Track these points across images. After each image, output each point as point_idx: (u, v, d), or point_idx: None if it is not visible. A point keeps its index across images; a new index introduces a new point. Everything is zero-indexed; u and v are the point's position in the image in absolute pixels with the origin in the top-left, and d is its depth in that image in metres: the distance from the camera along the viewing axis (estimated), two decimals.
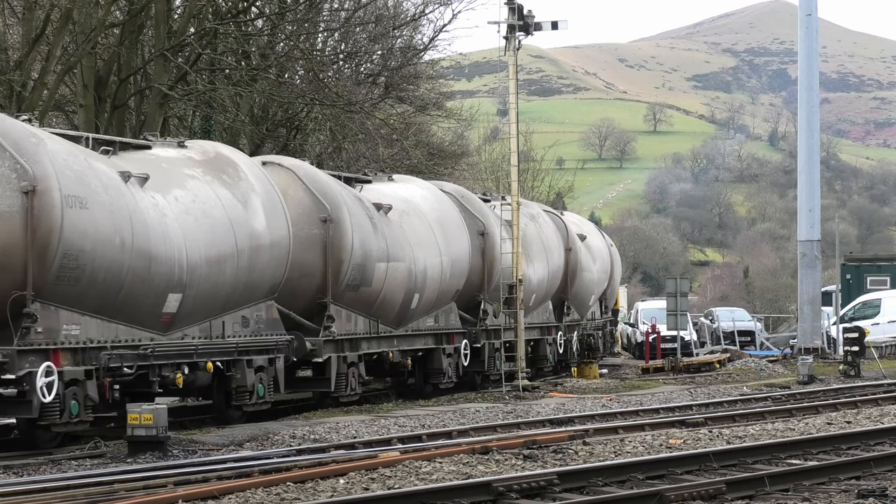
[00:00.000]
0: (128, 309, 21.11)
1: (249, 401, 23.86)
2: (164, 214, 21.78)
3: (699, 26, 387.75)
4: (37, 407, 19.40)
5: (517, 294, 33.01)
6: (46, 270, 19.54)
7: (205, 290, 22.54)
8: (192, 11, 35.81)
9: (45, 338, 19.67)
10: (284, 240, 24.49)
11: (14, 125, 20.06)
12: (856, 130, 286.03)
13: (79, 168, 20.38)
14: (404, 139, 45.25)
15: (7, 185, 19.46)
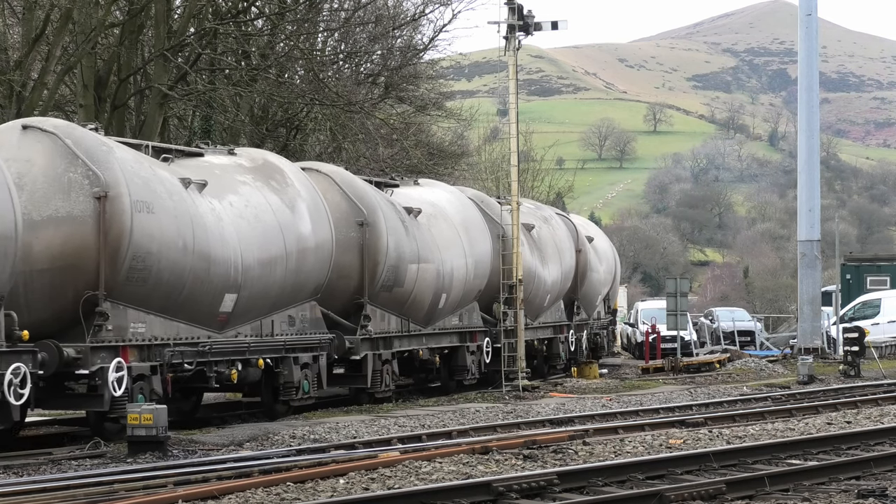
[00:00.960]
0: (188, 308, 22.24)
1: (296, 396, 25.05)
2: (220, 219, 23.00)
3: (699, 26, 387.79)
4: (108, 400, 20.42)
5: (517, 294, 33.05)
6: (117, 271, 20.66)
7: (257, 290, 23.80)
8: (192, 11, 35.81)
9: (115, 335, 20.74)
10: (328, 243, 25.80)
11: (86, 134, 21.12)
12: (856, 130, 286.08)
13: (145, 175, 21.56)
14: (404, 139, 45.24)
15: (80, 191, 20.56)
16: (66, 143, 20.87)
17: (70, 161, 20.76)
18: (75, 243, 20.40)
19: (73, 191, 20.60)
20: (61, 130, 21.10)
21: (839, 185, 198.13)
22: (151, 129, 34.04)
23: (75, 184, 20.62)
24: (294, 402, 25.20)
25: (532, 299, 36.38)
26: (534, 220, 37.63)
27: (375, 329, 27.90)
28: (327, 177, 27.82)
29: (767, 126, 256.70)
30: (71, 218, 20.51)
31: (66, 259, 20.38)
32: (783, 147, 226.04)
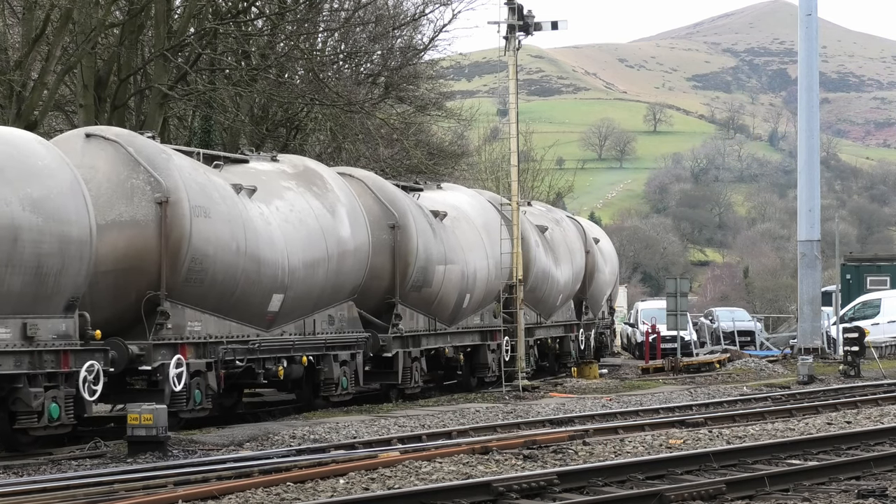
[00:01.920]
0: (240, 308, 23.57)
1: (335, 392, 26.41)
2: (268, 223, 24.34)
3: (699, 26, 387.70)
4: (168, 395, 21.60)
5: (517, 294, 33.06)
6: (177, 273, 21.90)
7: (301, 291, 25.11)
8: (192, 11, 35.80)
9: (174, 333, 22.00)
10: (365, 245, 27.26)
11: (146, 142, 22.44)
12: (856, 130, 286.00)
13: (201, 181, 22.86)
14: (404, 139, 45.23)
15: (143, 197, 21.84)
16: (129, 150, 22.01)
17: (132, 168, 21.93)
18: (138, 246, 21.66)
19: (136, 196, 21.82)
20: (123, 138, 22.28)
21: (839, 185, 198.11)
22: (151, 129, 34.00)
23: (138, 190, 21.85)
24: (333, 398, 26.47)
25: (546, 299, 37.83)
26: (546, 223, 38.94)
27: (405, 328, 29.11)
28: (360, 181, 28.93)
29: (767, 126, 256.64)
30: (134, 222, 21.73)
31: (130, 261, 21.58)
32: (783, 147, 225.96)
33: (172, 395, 21.69)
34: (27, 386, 19.10)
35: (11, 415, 19.23)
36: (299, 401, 26.96)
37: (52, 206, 19.47)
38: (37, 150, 20.01)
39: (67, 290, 19.73)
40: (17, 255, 18.83)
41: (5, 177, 18.97)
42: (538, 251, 36.75)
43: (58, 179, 19.78)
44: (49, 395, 19.38)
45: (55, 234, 19.43)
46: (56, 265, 19.42)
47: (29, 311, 19.20)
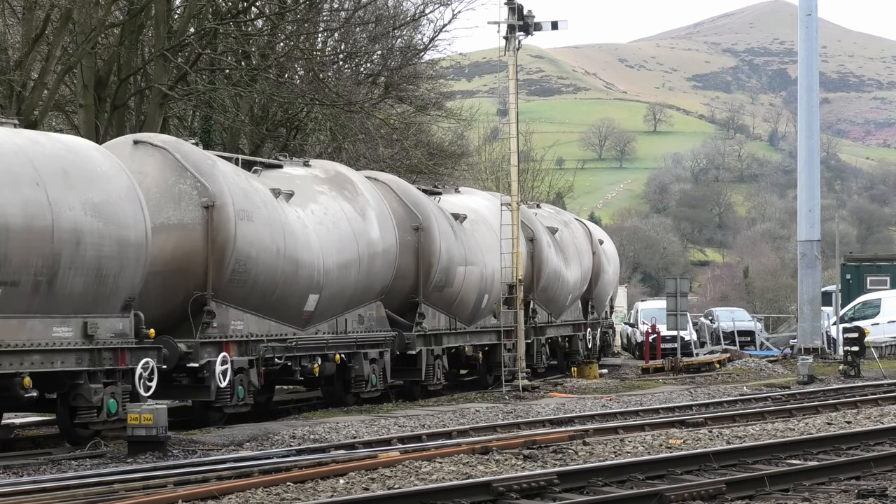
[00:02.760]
0: (279, 307, 24.59)
1: (365, 388, 27.42)
2: (305, 226, 25.39)
3: (699, 26, 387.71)
4: (214, 391, 22.76)
5: (517, 294, 33.10)
6: (222, 274, 22.92)
7: (335, 291, 26.18)
8: (192, 11, 35.79)
9: (219, 332, 23.00)
10: (393, 247, 28.33)
11: (192, 149, 23.39)
12: (856, 130, 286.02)
13: (244, 186, 23.93)
14: (404, 139, 45.22)
15: (190, 201, 22.76)
16: (176, 156, 22.93)
17: (180, 174, 22.84)
18: (185, 248, 22.58)
19: (183, 201, 22.73)
20: (170, 145, 23.25)
21: (839, 185, 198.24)
22: (151, 130, 33.95)
23: (185, 194, 22.76)
24: (364, 395, 27.51)
25: (556, 298, 38.74)
26: (556, 224, 39.85)
27: (428, 326, 30.09)
28: (385, 185, 29.83)
29: (767, 126, 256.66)
30: (181, 225, 22.66)
31: (178, 263, 22.47)
32: (783, 147, 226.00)
33: (218, 391, 22.80)
34: (87, 382, 20.01)
35: (72, 410, 20.12)
36: (326, 397, 28.07)
37: (112, 211, 20.35)
38: (96, 156, 20.90)
39: (124, 291, 20.68)
40: (80, 257, 19.68)
41: (69, 182, 19.80)
42: (550, 252, 37.63)
43: (116, 185, 20.65)
44: (107, 390, 20.31)
45: (114, 237, 20.32)
46: (115, 267, 20.34)
47: (89, 311, 20.09)
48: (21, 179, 19.06)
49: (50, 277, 19.28)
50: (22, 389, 19.05)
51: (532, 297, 36.18)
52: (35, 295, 19.13)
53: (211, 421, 23.18)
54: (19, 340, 19.01)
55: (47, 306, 19.39)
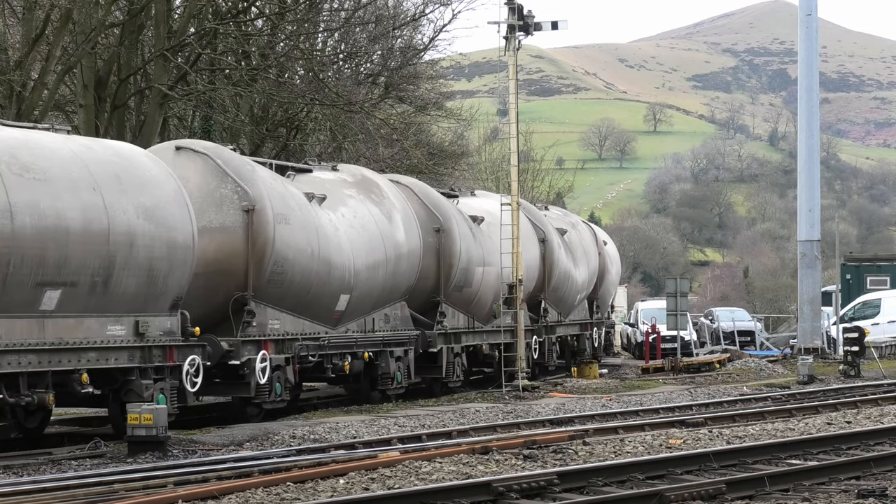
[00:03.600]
0: (313, 307, 25.56)
1: (391, 385, 28.32)
2: (336, 228, 26.38)
3: (699, 26, 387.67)
4: (253, 387, 23.79)
5: (517, 294, 33.13)
6: (262, 275, 23.85)
7: (364, 291, 27.17)
8: (192, 11, 35.79)
9: (258, 331, 23.98)
10: (417, 249, 29.25)
11: (232, 155, 24.50)
12: (856, 130, 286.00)
13: (281, 190, 24.87)
14: (404, 139, 45.22)
15: (231, 205, 23.73)
16: (217, 162, 23.90)
17: (221, 178, 23.80)
18: (227, 250, 23.51)
19: (225, 204, 23.69)
20: (211, 151, 24.24)
21: (839, 185, 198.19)
22: (151, 130, 34.04)
23: (226, 199, 23.73)
24: (390, 392, 28.40)
25: (566, 298, 39.61)
26: (564, 226, 40.80)
27: (448, 325, 30.99)
28: (407, 188, 30.63)
29: (767, 126, 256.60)
30: (223, 228, 23.60)
31: (219, 264, 23.35)
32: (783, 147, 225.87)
33: (257, 388, 23.80)
34: (139, 378, 20.97)
35: (123, 405, 20.66)
36: (350, 394, 29.23)
37: (161, 214, 21.23)
38: (145, 162, 21.85)
39: (173, 291, 21.57)
40: (133, 258, 20.61)
41: (122, 187, 20.67)
42: (560, 253, 38.49)
43: (165, 189, 21.55)
44: (157, 386, 21.22)
45: (164, 239, 21.19)
46: (164, 268, 21.21)
47: (140, 310, 21.03)
48: (79, 184, 19.87)
49: (105, 278, 20.16)
50: (79, 385, 19.88)
51: (543, 297, 37.17)
52: (92, 295, 20.00)
53: (248, 416, 24.15)
54: (77, 338, 19.90)
55: (102, 306, 20.26)
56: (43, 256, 19.16)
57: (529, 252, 35.61)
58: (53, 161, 19.82)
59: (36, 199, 19.16)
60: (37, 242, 19.07)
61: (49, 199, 19.34)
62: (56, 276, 19.38)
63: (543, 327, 37.20)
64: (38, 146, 19.91)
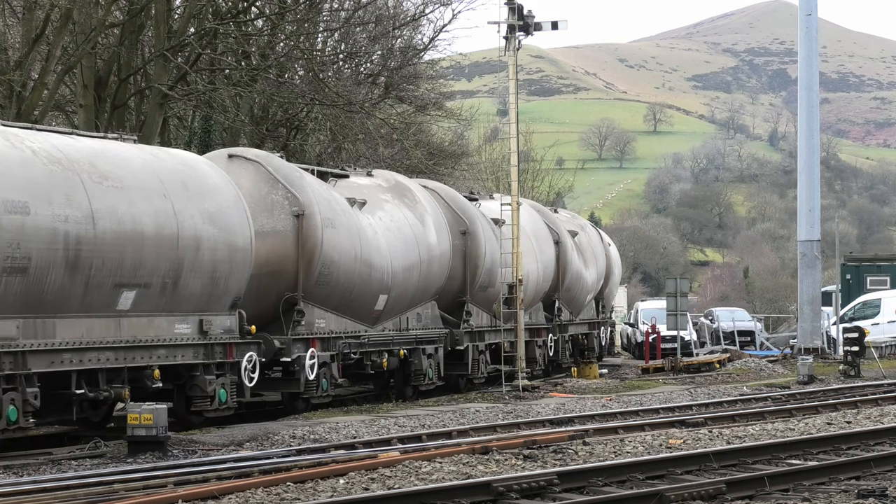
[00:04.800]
0: (354, 307, 27.05)
1: (423, 382, 29.71)
2: (376, 232, 27.77)
3: (699, 26, 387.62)
4: (303, 383, 25.21)
5: (517, 294, 33.16)
6: (310, 277, 25.26)
7: (400, 292, 28.54)
8: (192, 11, 35.80)
9: (306, 329, 25.37)
10: (448, 251, 30.62)
11: (283, 163, 25.90)
12: (856, 130, 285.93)
13: (327, 196, 26.31)
14: (404, 139, 45.24)
15: (282, 210, 25.10)
16: (268, 169, 25.27)
17: (272, 185, 25.16)
18: (278, 253, 24.83)
19: (276, 210, 25.06)
20: (262, 159, 25.66)
21: (839, 185, 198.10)
22: (151, 130, 34.03)
23: (277, 204, 25.08)
24: (422, 387, 29.84)
25: (577, 298, 41.20)
26: (575, 228, 42.23)
27: (473, 324, 32.25)
28: (434, 192, 31.75)
29: (767, 126, 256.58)
30: (275, 232, 24.94)
31: (271, 266, 24.63)
32: (783, 147, 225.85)
33: (306, 383, 25.22)
34: (203, 374, 22.36)
35: (187, 399, 22.40)
36: (376, 389, 30.50)
37: (223, 219, 22.62)
38: (207, 170, 23.24)
39: (233, 291, 23.03)
40: (199, 261, 21.94)
41: (189, 194, 22.02)
42: (573, 254, 39.91)
43: (225, 196, 22.97)
44: (219, 381, 22.65)
45: (226, 242, 22.61)
46: (226, 270, 22.63)
47: (204, 310, 22.42)
48: (151, 192, 21.20)
49: (175, 280, 21.50)
50: (150, 381, 21.24)
51: (557, 297, 38.73)
52: (162, 296, 21.37)
53: (297, 410, 25.50)
54: (149, 336, 21.30)
55: (171, 305, 21.64)
56: (121, 259, 20.38)
57: (545, 253, 37.18)
58: (128, 170, 21.05)
59: (114, 205, 20.33)
60: (116, 246, 20.26)
61: (125, 205, 20.54)
62: (132, 278, 20.66)
63: (557, 326, 38.74)
64: (112, 155, 21.09)
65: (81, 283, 19.74)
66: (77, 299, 19.77)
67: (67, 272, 19.47)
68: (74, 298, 19.72)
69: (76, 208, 19.64)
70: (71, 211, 19.55)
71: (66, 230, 19.43)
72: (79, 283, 19.72)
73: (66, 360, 19.74)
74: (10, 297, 18.73)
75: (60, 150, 20.10)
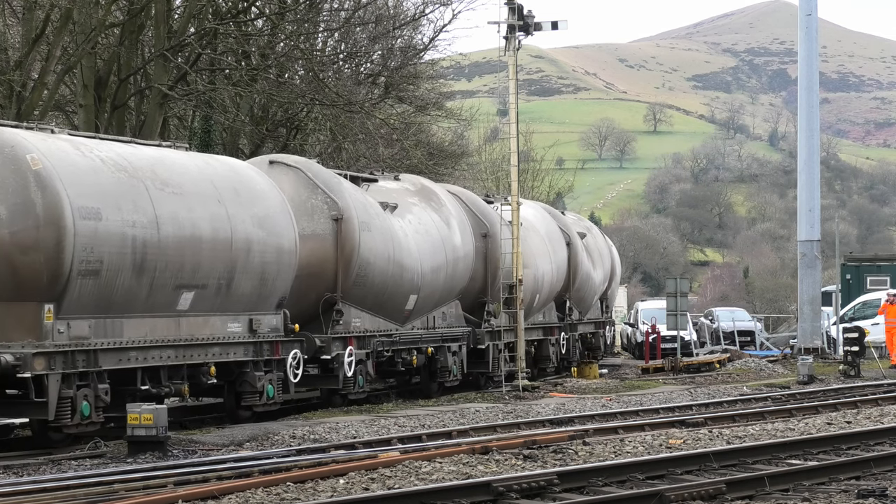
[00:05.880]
0: (387, 307, 28.14)
1: (448, 378, 30.69)
2: (406, 234, 28.82)
3: (699, 26, 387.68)
4: (342, 379, 26.41)
5: (517, 294, 33.18)
6: (348, 278, 26.43)
7: (428, 292, 29.60)
8: (192, 11, 35.78)
9: (343, 328, 26.53)
10: (471, 253, 31.77)
11: (321, 169, 27.05)
12: (856, 130, 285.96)
13: (362, 200, 27.50)
14: (404, 139, 45.21)
15: (321, 215, 26.26)
16: (308, 175, 26.39)
17: (312, 190, 26.29)
18: (318, 256, 25.89)
19: (316, 214, 26.16)
20: (302, 165, 26.79)
21: (839, 185, 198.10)
22: (151, 130, 34.02)
23: (317, 209, 26.22)
24: (447, 384, 30.84)
25: (586, 298, 42.15)
26: (583, 230, 43.12)
27: (494, 323, 32.91)
28: (456, 196, 32.67)
29: (767, 126, 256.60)
30: (315, 236, 25.99)
31: (311, 268, 25.57)
32: (783, 147, 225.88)
33: (345, 380, 26.36)
34: (252, 370, 23.53)
35: (237, 394, 23.59)
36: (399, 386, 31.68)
37: (271, 223, 23.79)
38: (254, 176, 24.41)
39: (279, 292, 24.16)
40: (249, 263, 23.11)
41: (240, 199, 23.21)
42: (583, 255, 40.93)
43: (272, 200, 24.15)
44: (266, 377, 23.82)
45: (273, 245, 23.75)
46: (273, 271, 23.78)
47: (253, 309, 23.57)
48: (207, 198, 22.35)
49: (228, 281, 22.67)
50: (206, 377, 22.37)
51: (568, 297, 39.71)
52: (217, 296, 22.51)
53: (334, 404, 26.71)
54: (205, 335, 22.41)
55: (224, 306, 22.79)
56: (181, 262, 21.46)
57: (558, 254, 38.25)
58: (186, 176, 22.16)
59: (175, 211, 21.43)
60: (177, 250, 21.35)
61: (185, 211, 21.66)
62: (191, 280, 21.76)
63: (568, 325, 39.86)
64: (171, 162, 22.25)
65: (146, 284, 20.84)
66: (142, 300, 20.88)
67: (134, 274, 20.59)
68: (139, 299, 20.84)
69: (142, 214, 20.75)
70: (137, 216, 20.66)
71: (134, 234, 20.53)
72: (144, 285, 20.81)
73: (132, 357, 20.80)
74: (84, 298, 19.79)
75: (125, 159, 21.18)
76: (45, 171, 19.43)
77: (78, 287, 19.59)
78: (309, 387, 27.33)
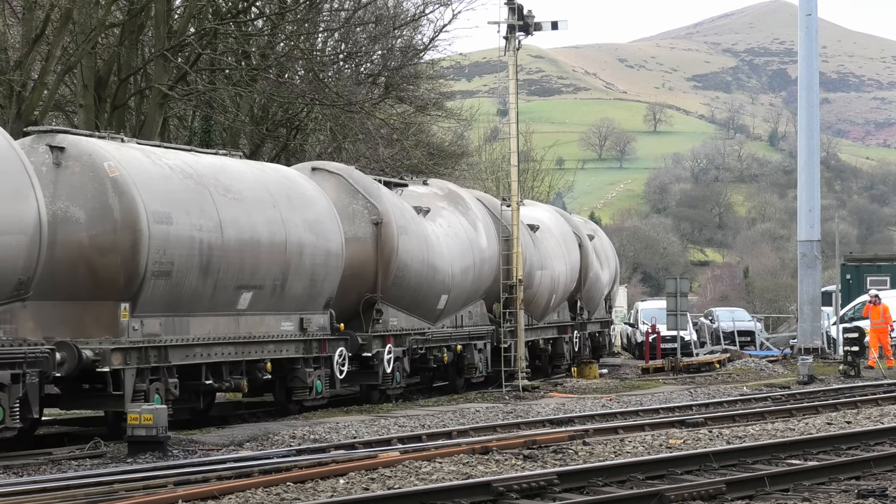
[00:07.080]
0: (420, 306, 29.41)
1: (475, 375, 32.04)
2: (438, 237, 30.13)
3: (699, 26, 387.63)
4: (381, 376, 27.71)
5: (517, 294, 33.19)
6: (387, 279, 27.76)
7: (458, 292, 30.92)
8: (192, 11, 35.79)
9: (382, 327, 27.88)
10: (496, 255, 32.99)
11: (361, 175, 28.52)
12: (856, 130, 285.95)
13: (399, 205, 28.82)
14: (404, 139, 45.21)
15: (362, 219, 27.66)
16: (349, 181, 27.81)
17: (353, 196, 27.68)
18: (359, 258, 27.18)
19: (357, 218, 27.54)
20: (343, 171, 28.23)
21: (839, 185, 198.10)
22: (151, 130, 34.03)
23: (358, 213, 27.62)
24: (473, 380, 32.14)
25: (594, 297, 43.44)
26: (591, 232, 44.31)
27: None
28: (478, 201, 33.81)
29: (767, 126, 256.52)
30: (356, 239, 27.26)
31: (353, 270, 26.74)
32: (783, 147, 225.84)
33: (384, 376, 27.66)
34: (303, 367, 24.94)
35: (288, 390, 25.04)
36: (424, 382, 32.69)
37: (320, 227, 25.22)
38: (303, 182, 25.79)
39: (326, 292, 25.60)
40: (301, 265, 24.48)
41: (292, 205, 24.58)
42: (592, 256, 42.20)
43: (320, 206, 25.56)
44: (315, 373, 25.21)
45: (322, 248, 25.15)
46: (322, 273, 25.18)
47: (304, 309, 25.01)
48: (264, 203, 23.81)
49: (282, 282, 24.05)
50: (262, 373, 23.74)
51: (579, 297, 41.07)
52: (272, 297, 23.91)
53: (372, 400, 27.98)
54: (261, 333, 23.84)
55: (279, 305, 24.20)
56: (242, 264, 22.90)
57: (571, 256, 39.46)
58: (244, 183, 23.62)
59: (236, 215, 22.88)
60: (238, 252, 22.79)
61: (245, 215, 23.11)
62: (250, 280, 23.18)
63: (579, 324, 41.25)
64: (231, 170, 23.71)
65: (211, 285, 22.24)
66: (206, 299, 22.29)
67: (201, 275, 21.98)
68: (204, 299, 22.24)
69: (208, 218, 22.14)
70: (204, 221, 22.04)
71: (201, 238, 21.94)
72: (209, 285, 22.21)
73: (197, 353, 22.19)
74: (156, 297, 21.18)
75: (191, 166, 22.57)
76: (122, 177, 20.72)
77: (151, 287, 20.97)
78: (350, 383, 28.32)
